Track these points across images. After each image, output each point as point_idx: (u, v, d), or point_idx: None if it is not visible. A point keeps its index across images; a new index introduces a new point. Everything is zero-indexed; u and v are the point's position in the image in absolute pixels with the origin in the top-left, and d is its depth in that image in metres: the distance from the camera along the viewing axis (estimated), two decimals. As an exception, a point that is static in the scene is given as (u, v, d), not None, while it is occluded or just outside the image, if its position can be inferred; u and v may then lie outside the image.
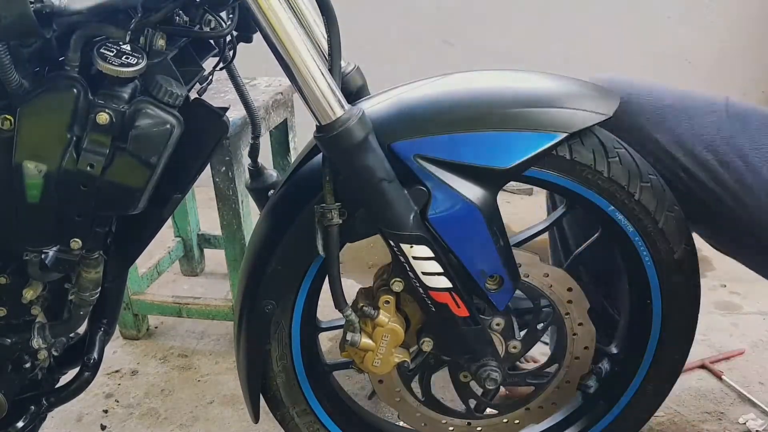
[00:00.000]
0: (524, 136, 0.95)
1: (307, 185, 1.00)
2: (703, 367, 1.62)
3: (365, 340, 1.02)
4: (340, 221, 0.94)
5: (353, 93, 1.12)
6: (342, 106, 0.89)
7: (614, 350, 1.19)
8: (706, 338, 1.71)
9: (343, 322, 1.03)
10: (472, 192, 0.95)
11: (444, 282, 0.97)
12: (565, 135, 0.96)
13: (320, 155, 0.97)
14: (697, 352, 1.63)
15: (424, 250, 0.95)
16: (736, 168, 1.06)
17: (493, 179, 0.96)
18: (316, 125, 0.90)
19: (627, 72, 1.22)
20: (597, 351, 1.14)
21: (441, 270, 0.96)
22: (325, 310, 1.16)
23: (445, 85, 1.01)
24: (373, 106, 0.98)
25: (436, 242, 0.96)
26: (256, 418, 1.16)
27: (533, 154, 0.95)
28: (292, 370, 1.15)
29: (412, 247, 0.95)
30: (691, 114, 1.10)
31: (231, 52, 1.06)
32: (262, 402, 1.17)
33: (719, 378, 1.59)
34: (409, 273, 0.97)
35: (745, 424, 1.45)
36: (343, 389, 1.25)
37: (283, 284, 1.06)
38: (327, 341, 1.75)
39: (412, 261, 0.96)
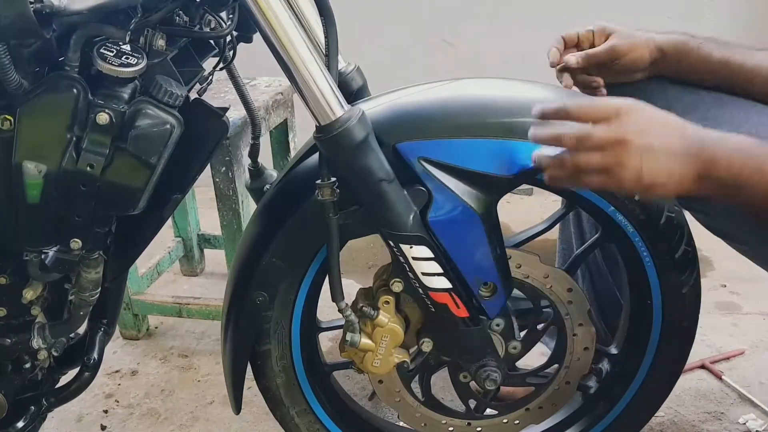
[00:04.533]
0: (529, 146, 0.93)
1: (305, 182, 1.00)
2: (703, 367, 1.62)
3: (365, 341, 1.02)
4: (334, 198, 0.93)
5: (354, 93, 1.12)
6: (342, 107, 0.89)
7: (614, 350, 1.19)
8: (706, 338, 1.71)
9: (343, 323, 1.03)
10: (474, 198, 0.95)
11: (444, 282, 0.97)
12: None
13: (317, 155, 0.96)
14: (697, 352, 1.63)
15: (423, 251, 0.95)
16: None
17: (494, 187, 0.96)
18: (316, 125, 0.90)
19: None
20: (597, 351, 1.14)
21: (441, 270, 0.96)
22: (325, 310, 1.16)
23: (453, 89, 1.01)
24: (380, 105, 0.98)
25: (435, 243, 0.96)
26: (237, 409, 1.16)
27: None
28: (292, 370, 1.15)
29: (411, 247, 0.95)
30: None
31: (231, 52, 1.06)
32: (262, 402, 1.17)
33: (719, 378, 1.58)
34: (409, 273, 0.97)
35: (745, 424, 1.45)
36: (343, 389, 1.25)
37: (277, 277, 1.06)
38: (327, 341, 1.75)
39: (411, 261, 0.96)
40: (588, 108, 0.86)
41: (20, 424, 1.10)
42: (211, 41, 1.04)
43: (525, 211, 2.40)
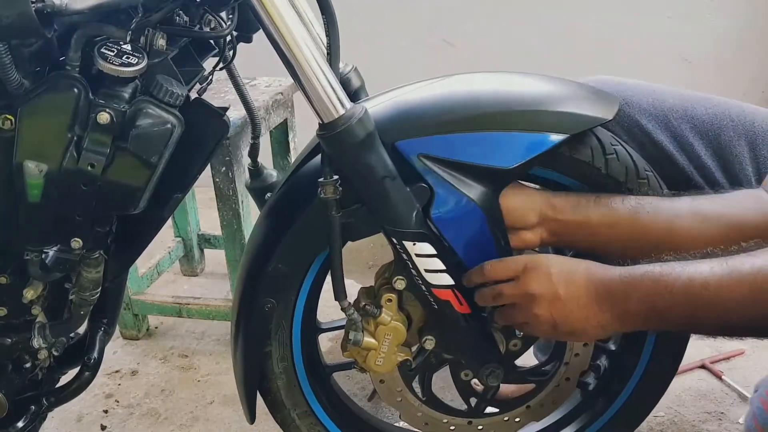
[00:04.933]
0: (527, 137, 0.95)
1: (308, 184, 1.00)
2: (703, 367, 1.62)
3: (368, 339, 1.02)
4: (337, 196, 0.93)
5: (351, 94, 1.12)
6: (344, 105, 0.89)
7: (612, 347, 1.19)
8: (705, 338, 1.70)
9: (343, 323, 1.03)
10: (475, 191, 0.96)
11: (446, 279, 0.97)
12: (566, 136, 0.96)
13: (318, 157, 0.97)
14: (697, 352, 1.64)
15: (426, 248, 0.95)
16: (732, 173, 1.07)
17: (495, 179, 0.97)
18: (319, 123, 0.90)
19: (626, 71, 1.22)
20: (595, 347, 1.15)
21: (443, 267, 0.97)
22: (325, 310, 1.16)
23: (448, 85, 1.01)
24: (378, 105, 0.98)
25: (438, 240, 0.96)
26: (252, 418, 1.15)
27: (535, 154, 0.95)
28: (293, 372, 1.15)
29: (414, 244, 0.95)
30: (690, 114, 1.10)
31: (231, 52, 1.06)
32: (261, 403, 1.17)
33: (719, 378, 1.59)
34: (412, 270, 0.97)
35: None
36: (343, 390, 1.25)
37: (284, 283, 1.06)
38: (326, 342, 1.75)
39: (414, 258, 0.96)
40: (497, 269, 0.94)
41: (20, 424, 1.09)
42: (211, 41, 1.04)
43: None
